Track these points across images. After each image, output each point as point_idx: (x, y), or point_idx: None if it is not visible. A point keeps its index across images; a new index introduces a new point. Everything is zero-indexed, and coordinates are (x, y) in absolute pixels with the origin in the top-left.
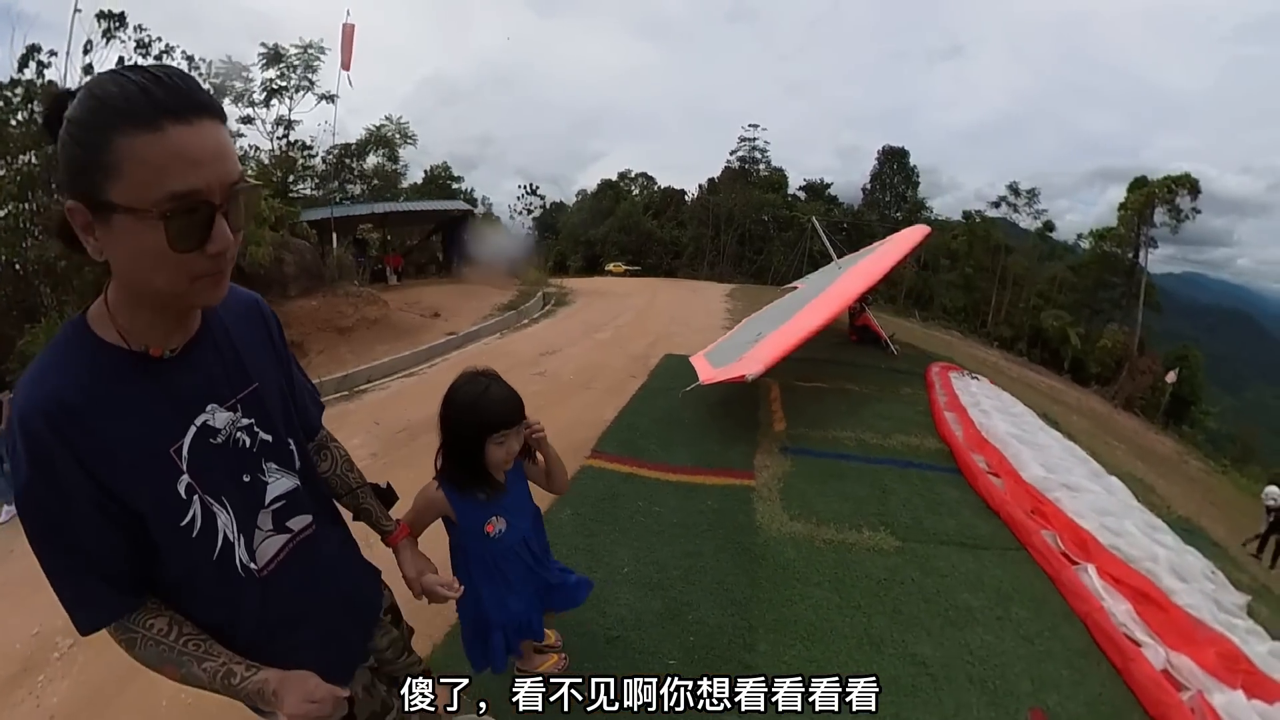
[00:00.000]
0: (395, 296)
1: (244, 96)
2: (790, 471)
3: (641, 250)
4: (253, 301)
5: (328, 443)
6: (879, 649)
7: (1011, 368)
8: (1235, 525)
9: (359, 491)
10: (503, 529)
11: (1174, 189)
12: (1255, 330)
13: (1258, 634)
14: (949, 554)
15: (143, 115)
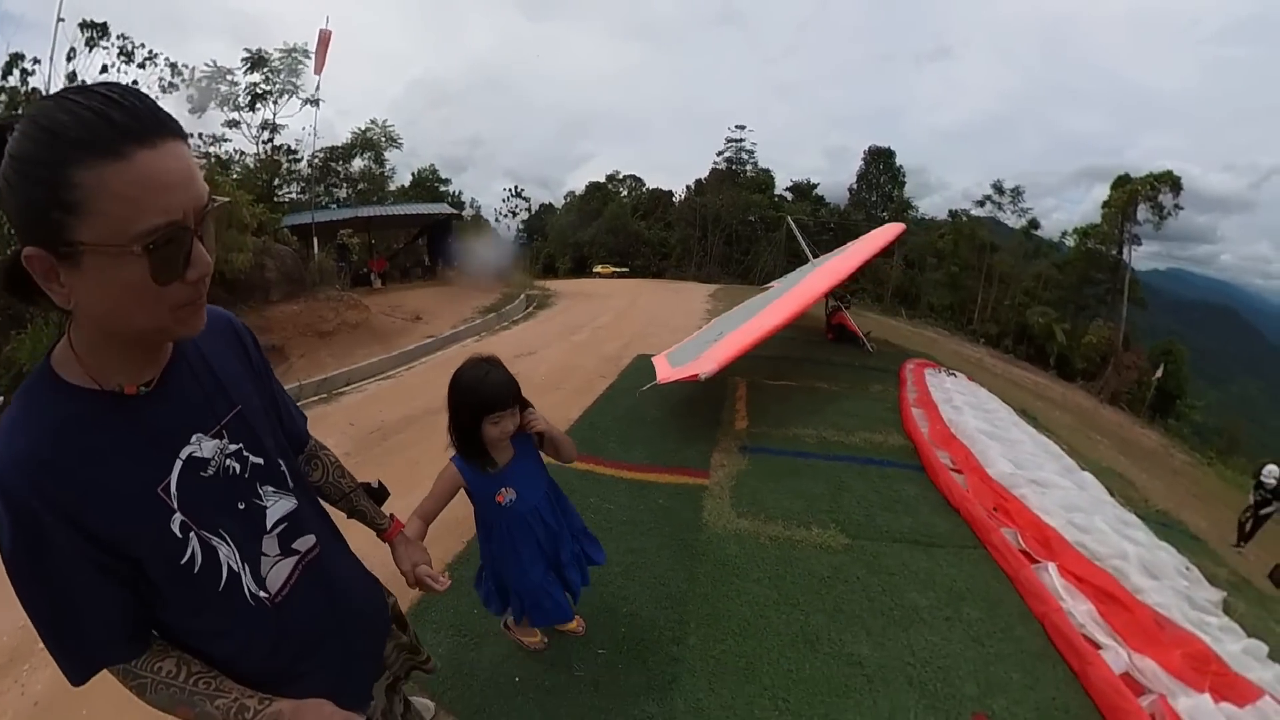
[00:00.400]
0: (378, 301)
1: (229, 101)
2: (746, 470)
3: (629, 252)
4: (225, 320)
5: (318, 452)
6: (813, 647)
7: (997, 364)
8: (1219, 517)
9: (352, 495)
10: (513, 499)
11: (1156, 186)
12: (1240, 325)
13: (1232, 631)
14: (900, 552)
15: (105, 144)
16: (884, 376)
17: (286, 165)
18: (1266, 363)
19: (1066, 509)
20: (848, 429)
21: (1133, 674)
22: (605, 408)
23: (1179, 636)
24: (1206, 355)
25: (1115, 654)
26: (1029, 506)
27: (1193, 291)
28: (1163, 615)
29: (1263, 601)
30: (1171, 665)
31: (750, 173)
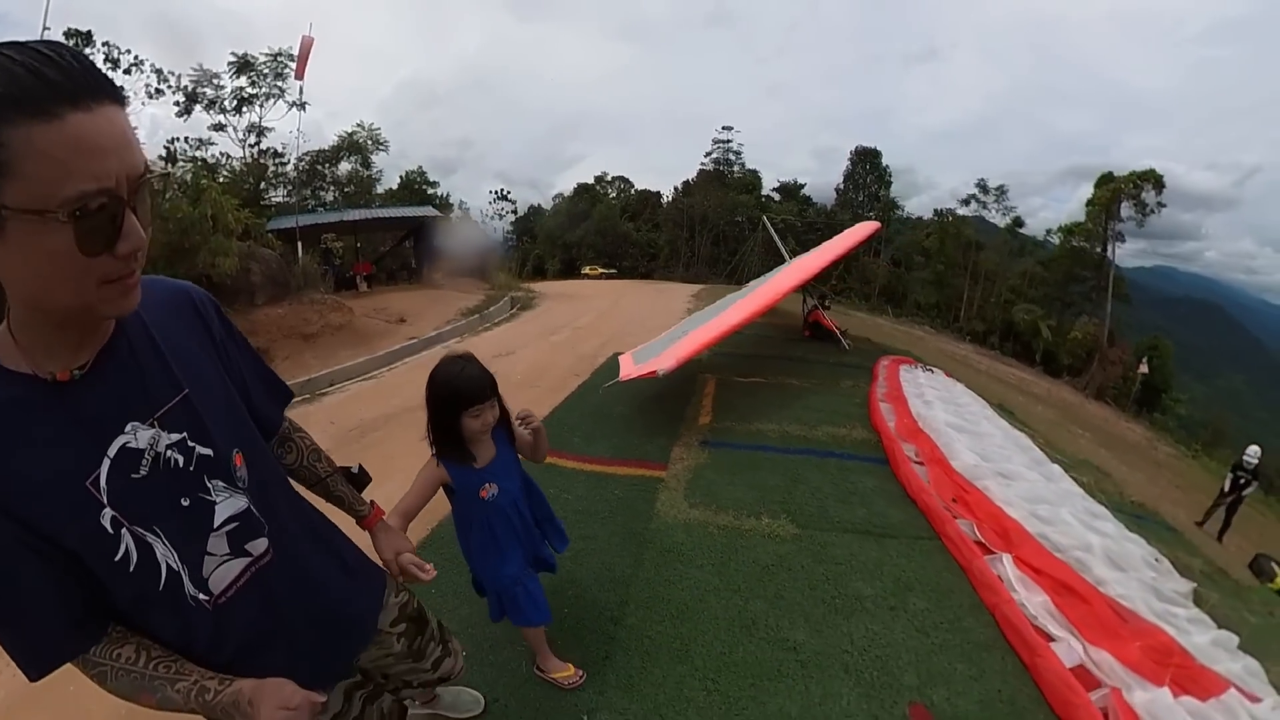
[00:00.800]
0: (364, 303)
1: (215, 104)
2: (704, 463)
3: (618, 253)
4: (182, 292)
5: (291, 435)
6: (749, 632)
7: (982, 361)
8: (1200, 508)
9: (328, 480)
10: (495, 493)
11: (1139, 184)
12: (1225, 320)
13: (1201, 623)
14: (850, 542)
15: (36, 102)
16: (857, 373)
17: (273, 168)
18: (1251, 357)
19: (1030, 501)
20: (811, 423)
21: (1088, 667)
22: (575, 404)
23: (1141, 628)
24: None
25: (1068, 646)
26: (991, 498)
27: (1178, 288)
28: (1124, 607)
29: (1239, 592)
30: (1129, 658)
31: (737, 173)
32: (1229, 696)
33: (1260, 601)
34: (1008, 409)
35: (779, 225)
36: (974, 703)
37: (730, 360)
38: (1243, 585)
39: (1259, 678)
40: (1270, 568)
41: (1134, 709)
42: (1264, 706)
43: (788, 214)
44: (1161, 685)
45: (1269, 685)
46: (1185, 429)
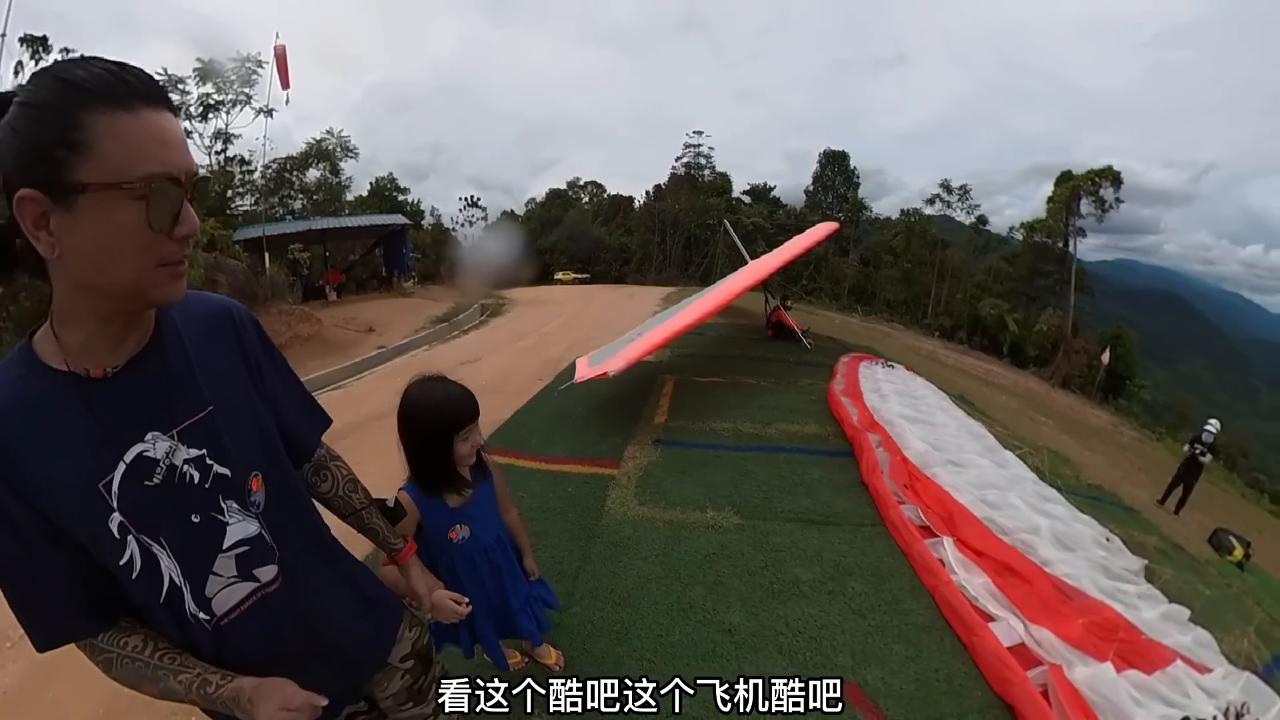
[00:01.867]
0: (333, 313)
1: (180, 110)
2: (656, 461)
3: (591, 258)
4: (222, 309)
5: (327, 462)
6: (687, 615)
7: (949, 355)
8: (1163, 488)
9: (363, 512)
10: (465, 536)
11: (1098, 182)
12: (1185, 309)
13: (1152, 598)
14: (791, 530)
15: (117, 95)
16: (816, 371)
17: (240, 176)
18: (1210, 343)
19: (979, 486)
20: (765, 421)
21: (1028, 645)
22: (536, 407)
23: (1086, 606)
24: (1154, 338)
25: (1008, 626)
26: (939, 484)
27: (1139, 279)
28: (1069, 585)
29: (1195, 567)
30: (1071, 635)
31: (708, 176)
32: (1175, 668)
33: (1218, 575)
34: (968, 400)
35: (749, 227)
36: (909, 681)
37: (691, 360)
38: (1200, 560)
39: (1210, 649)
40: (1229, 541)
41: (1074, 685)
42: (1213, 677)
43: (758, 216)
44: (1105, 660)
45: (1220, 656)
46: (1150, 413)
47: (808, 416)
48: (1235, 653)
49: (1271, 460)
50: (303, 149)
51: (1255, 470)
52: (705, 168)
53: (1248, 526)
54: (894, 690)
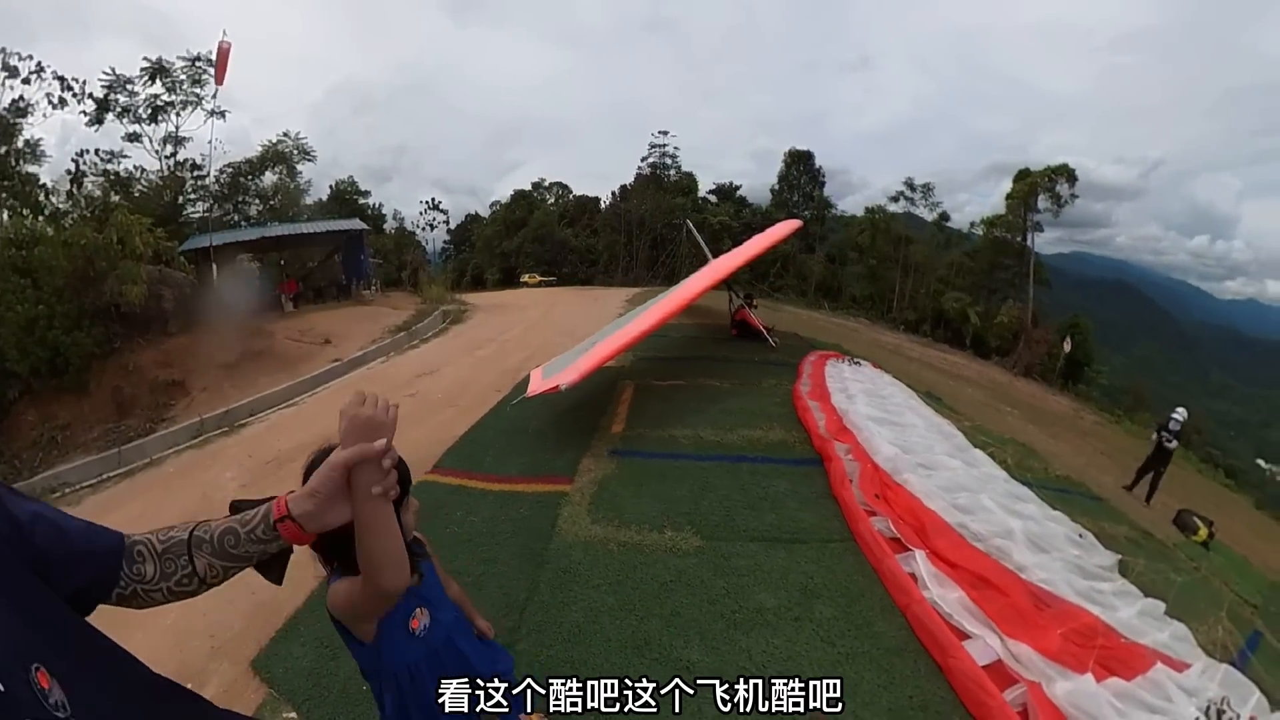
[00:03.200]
0: (288, 325)
1: (129, 112)
2: (612, 475)
3: (557, 260)
4: None
5: (133, 540)
6: (641, 653)
7: (914, 349)
8: (1128, 470)
9: (196, 533)
10: (427, 624)
11: (1053, 178)
12: (1138, 297)
13: (1127, 594)
14: (754, 551)
15: None
16: (781, 371)
17: (192, 182)
18: (1162, 328)
19: (951, 490)
20: (727, 426)
21: (1006, 662)
22: (491, 421)
23: (1064, 612)
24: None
25: (984, 644)
26: (911, 491)
27: (1094, 270)
28: (1046, 591)
29: (1164, 553)
30: (1049, 648)
31: (674, 177)
32: (1155, 672)
33: (1187, 558)
34: (935, 396)
35: (715, 226)
36: (883, 713)
37: (652, 364)
38: (1168, 544)
39: (1187, 641)
40: (1193, 522)
41: (1054, 702)
42: (1191, 673)
43: (724, 215)
44: (1085, 671)
45: (1197, 648)
46: (1108, 397)
47: (772, 421)
48: (1211, 642)
49: (1223, 436)
50: (259, 151)
51: (1209, 446)
52: (671, 168)
53: (1205, 501)
54: None
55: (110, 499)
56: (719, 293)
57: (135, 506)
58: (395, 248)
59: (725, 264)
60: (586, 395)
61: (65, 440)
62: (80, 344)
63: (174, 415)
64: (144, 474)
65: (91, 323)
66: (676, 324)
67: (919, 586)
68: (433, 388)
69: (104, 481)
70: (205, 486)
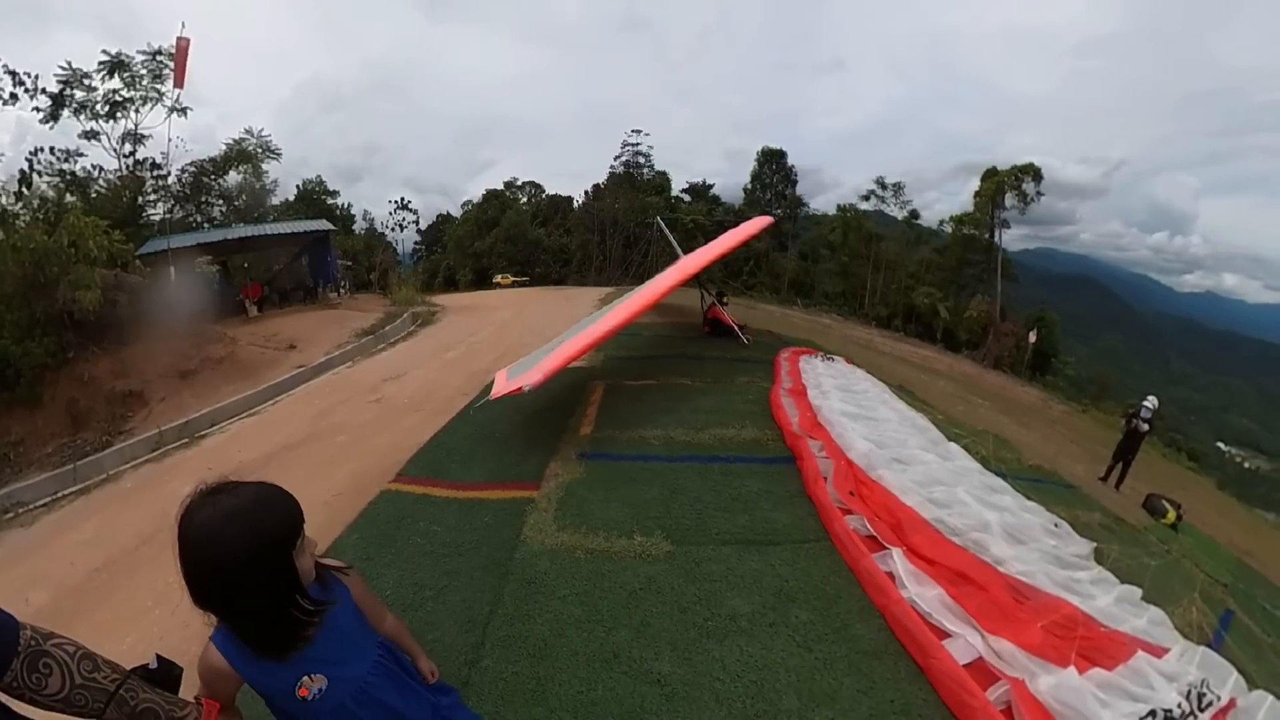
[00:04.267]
0: (252, 330)
1: (86, 108)
2: (579, 479)
3: (530, 260)
4: None
5: (43, 646)
6: (610, 666)
7: (886, 343)
8: (1097, 456)
9: (123, 693)
10: (323, 688)
11: (1020, 177)
12: (1101, 291)
13: (1105, 582)
14: (728, 555)
15: None
16: (753, 368)
17: (152, 181)
18: (1125, 320)
19: (926, 485)
20: (698, 426)
21: (987, 659)
22: (458, 426)
23: (1044, 604)
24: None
25: (965, 642)
26: (886, 487)
27: (1059, 266)
28: (1025, 584)
29: (1136, 538)
30: (1031, 642)
31: (647, 175)
32: (1136, 660)
33: (1158, 541)
34: (908, 390)
35: (688, 225)
36: (863, 719)
37: (623, 363)
38: (1139, 528)
39: (1164, 625)
40: (1161, 505)
41: (1038, 698)
42: (1171, 658)
43: (697, 214)
44: (1067, 664)
45: (1174, 632)
46: (1075, 387)
47: (745, 419)
48: (1186, 624)
49: (1185, 422)
50: (222, 150)
51: (1172, 431)
52: (644, 166)
53: (1171, 484)
54: None
55: (66, 518)
56: (691, 291)
57: (91, 525)
58: (365, 249)
59: (695, 260)
60: (555, 397)
61: (19, 457)
62: (32, 354)
63: (132, 428)
64: (100, 490)
65: (44, 331)
66: (648, 323)
67: (897, 585)
68: (398, 393)
69: (58, 500)
70: (164, 501)
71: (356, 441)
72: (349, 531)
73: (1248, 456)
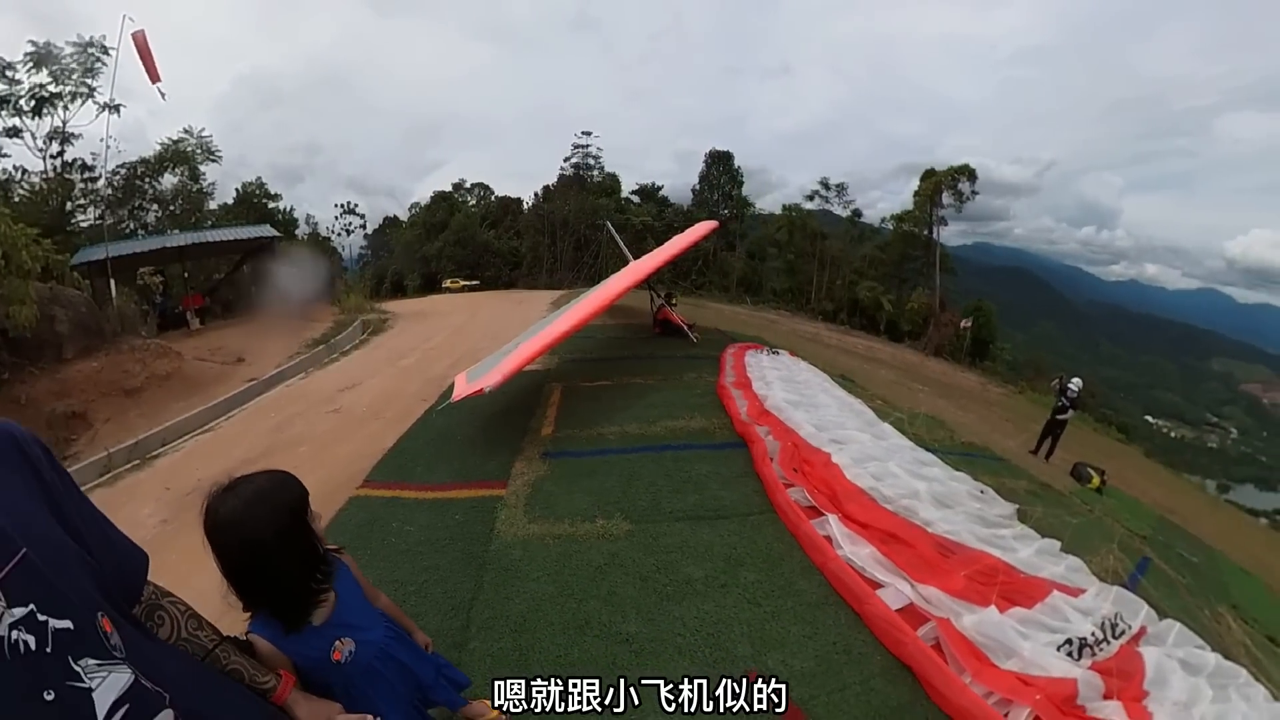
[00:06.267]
0: (196, 344)
1: (8, 103)
2: (544, 475)
3: (479, 263)
4: (7, 438)
5: (160, 601)
6: (584, 632)
7: (832, 336)
8: (1031, 433)
9: (218, 651)
10: (352, 649)
11: (956, 177)
12: (1034, 281)
13: (1026, 537)
14: (681, 530)
15: None
16: (701, 364)
17: (82, 184)
18: (1057, 308)
19: (861, 461)
20: (651, 419)
21: (916, 604)
22: (420, 431)
23: (967, 557)
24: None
25: (896, 590)
26: (825, 463)
27: (995, 259)
28: (951, 541)
29: (1061, 501)
30: (954, 588)
31: (597, 177)
32: (1053, 598)
33: (1082, 503)
34: (849, 379)
35: (638, 227)
36: (810, 659)
37: (579, 366)
38: (1065, 494)
39: (1082, 572)
40: (1087, 472)
41: (963, 633)
42: (1087, 597)
43: (647, 215)
44: (988, 604)
45: (1091, 576)
46: (1012, 370)
47: (694, 411)
48: (1104, 570)
49: (1115, 398)
50: (157, 150)
51: (1103, 407)
52: (594, 168)
53: (1102, 455)
54: (795, 670)
55: None
56: (641, 293)
57: None
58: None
59: (645, 265)
60: (515, 400)
61: None
62: None
63: (76, 451)
64: None
65: None
66: (601, 325)
67: (834, 546)
68: (357, 401)
69: None
70: (123, 525)
71: (319, 452)
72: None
73: (1173, 427)
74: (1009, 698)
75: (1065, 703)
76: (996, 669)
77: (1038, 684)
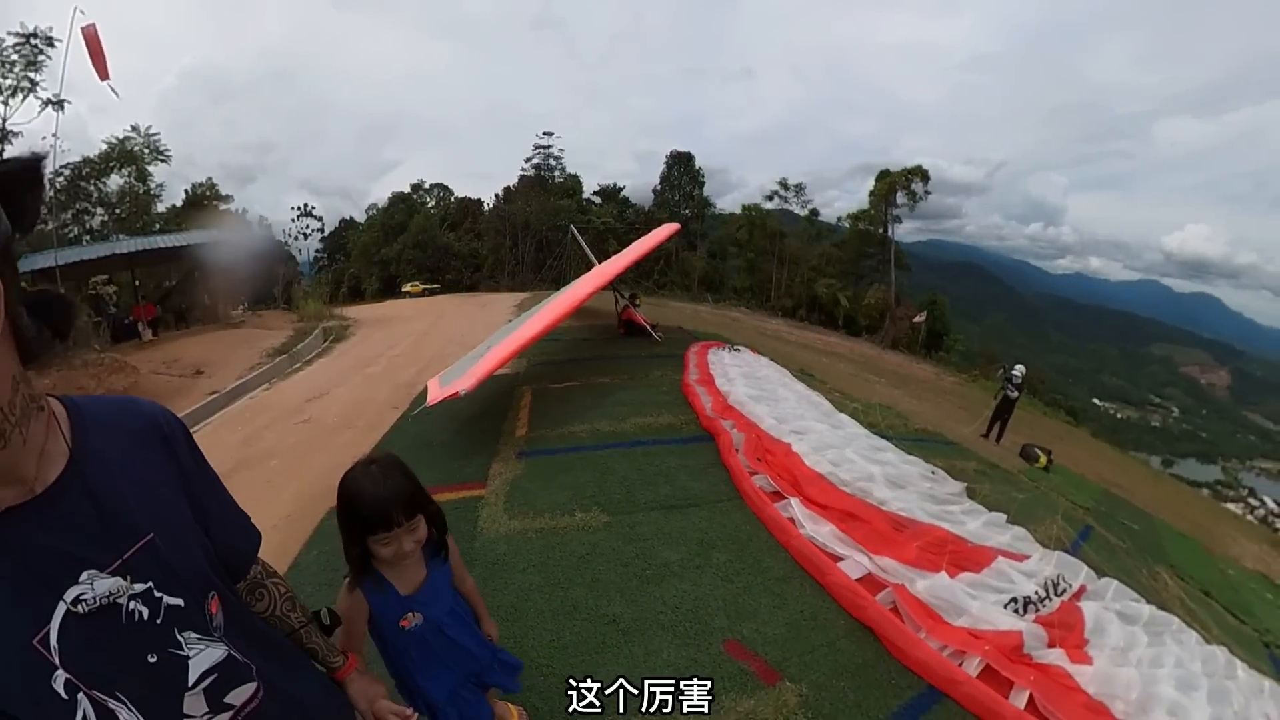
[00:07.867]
0: (151, 356)
1: None
2: (521, 474)
3: (440, 266)
4: (149, 418)
5: (264, 580)
6: (573, 615)
7: (792, 333)
8: (982, 418)
9: (302, 631)
10: (418, 623)
11: (910, 178)
12: (986, 276)
13: (975, 512)
14: (655, 519)
15: None
16: (665, 363)
17: None
18: (1008, 301)
19: (820, 449)
20: (621, 417)
21: (874, 573)
22: (395, 438)
23: (919, 531)
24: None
25: (855, 562)
26: (787, 452)
27: (948, 255)
28: (904, 517)
29: (1008, 479)
30: (908, 557)
31: (559, 178)
32: (999, 563)
33: (1029, 481)
34: (809, 373)
35: (600, 228)
36: (781, 626)
37: (547, 368)
38: (1013, 473)
39: (1027, 540)
40: (1034, 452)
41: (918, 596)
42: (1031, 561)
43: (608, 216)
44: (939, 571)
45: (1035, 544)
46: (966, 360)
47: (661, 408)
48: (1048, 538)
49: (1064, 384)
50: (102, 150)
51: (1052, 392)
52: (556, 169)
53: (1051, 437)
54: (768, 636)
55: None
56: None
57: None
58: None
59: (609, 268)
60: (487, 404)
61: None
62: None
63: None
64: None
65: None
66: (567, 327)
67: (797, 526)
68: (325, 412)
69: None
70: None
71: (292, 464)
72: (307, 549)
73: (1118, 408)
74: (961, 649)
75: (1013, 652)
76: (949, 625)
77: (986, 637)
